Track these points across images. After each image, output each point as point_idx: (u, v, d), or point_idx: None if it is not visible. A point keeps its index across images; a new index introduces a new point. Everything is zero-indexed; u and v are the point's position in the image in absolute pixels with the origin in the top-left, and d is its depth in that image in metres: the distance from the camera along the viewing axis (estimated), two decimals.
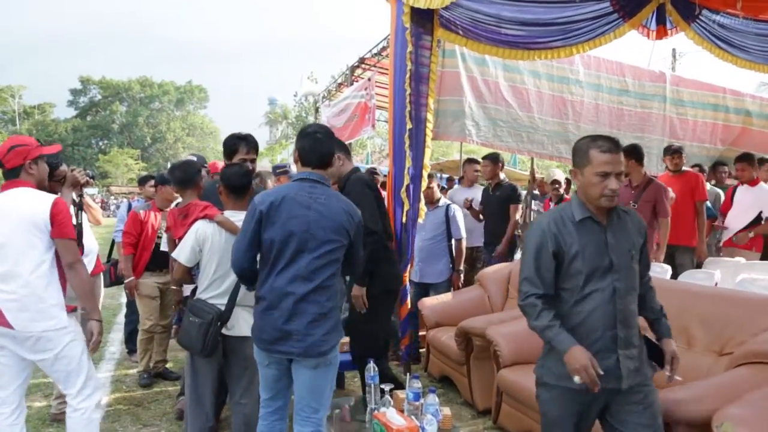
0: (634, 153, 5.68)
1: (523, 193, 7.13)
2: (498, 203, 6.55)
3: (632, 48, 11.14)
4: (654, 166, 8.04)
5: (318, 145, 2.89)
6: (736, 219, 6.13)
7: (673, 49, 24.19)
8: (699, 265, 5.77)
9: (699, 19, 5.57)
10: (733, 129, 8.87)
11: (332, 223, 2.77)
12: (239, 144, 3.80)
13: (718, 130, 8.82)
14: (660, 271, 5.20)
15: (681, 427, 2.52)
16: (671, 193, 5.82)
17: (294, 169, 3.38)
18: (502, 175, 6.93)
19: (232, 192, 3.45)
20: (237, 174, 3.45)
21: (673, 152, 6.15)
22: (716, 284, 4.77)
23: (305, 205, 2.77)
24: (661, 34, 5.47)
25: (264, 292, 2.78)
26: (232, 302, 3.30)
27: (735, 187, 6.37)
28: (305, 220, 2.74)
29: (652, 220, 5.49)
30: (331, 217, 2.78)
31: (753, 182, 6.09)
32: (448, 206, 5.94)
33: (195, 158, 5.28)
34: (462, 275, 5.93)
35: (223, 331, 3.29)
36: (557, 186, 6.28)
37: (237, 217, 3.33)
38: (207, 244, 3.36)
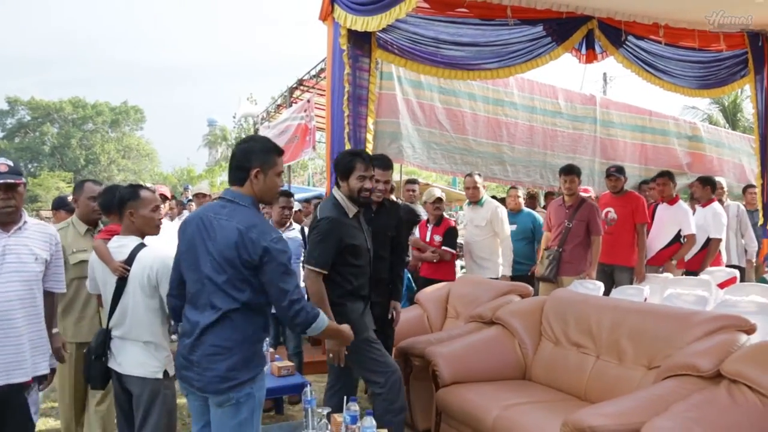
0: (576, 171, 5.84)
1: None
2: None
3: (566, 72, 11.57)
4: (585, 185, 8.27)
5: (232, 160, 2.63)
6: (657, 237, 6.29)
7: (604, 73, 25.17)
8: None
9: (626, 45, 5.82)
10: (658, 149, 9.23)
11: (224, 246, 2.45)
12: (355, 161, 3.51)
13: (646, 151, 9.17)
14: (592, 288, 5.35)
15: None
16: (613, 214, 6.01)
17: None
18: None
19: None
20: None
21: (611, 173, 6.22)
22: (646, 299, 4.93)
23: (206, 227, 2.52)
24: (591, 57, 5.70)
25: (183, 319, 2.63)
26: (101, 335, 3.05)
27: (656, 205, 6.56)
28: (203, 244, 2.51)
29: (585, 238, 5.66)
30: (223, 240, 2.46)
31: (672, 200, 6.30)
32: None
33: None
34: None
35: (113, 366, 3.05)
36: (438, 206, 6.01)
37: (121, 243, 3.07)
38: (94, 272, 3.15)
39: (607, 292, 5.40)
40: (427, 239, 5.96)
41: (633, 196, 6.17)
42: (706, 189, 6.64)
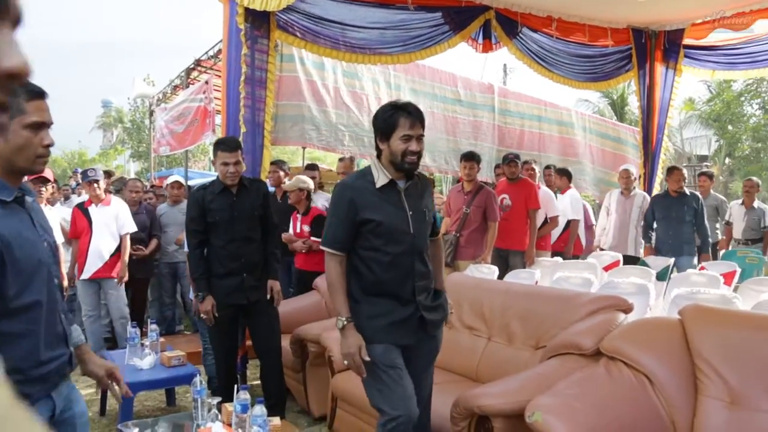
0: (476, 157, 5.98)
1: None
2: None
3: (468, 61, 11.76)
4: (485, 172, 8.50)
5: None
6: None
7: (504, 64, 25.89)
8: None
9: (520, 36, 5.99)
10: (554, 138, 9.61)
11: None
12: (398, 116, 2.60)
13: (543, 139, 9.53)
14: (487, 272, 5.51)
15: (498, 420, 2.65)
16: (508, 201, 6.20)
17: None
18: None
19: None
20: None
21: (509, 161, 6.39)
22: (536, 282, 5.12)
23: None
24: (487, 48, 5.83)
25: None
26: None
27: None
28: None
29: (482, 223, 5.81)
30: None
31: (564, 190, 6.61)
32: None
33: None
34: None
35: None
36: (300, 195, 5.65)
37: None
38: None
39: (501, 276, 5.57)
40: (298, 230, 5.64)
41: (526, 182, 6.37)
42: (563, 179, 7.23)
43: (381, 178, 2.62)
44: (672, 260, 5.90)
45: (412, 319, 2.67)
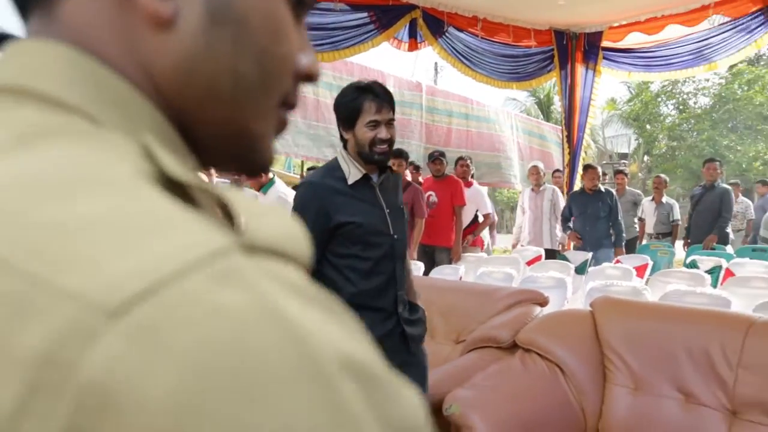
0: (403, 155, 6.05)
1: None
2: None
3: (399, 59, 11.98)
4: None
5: None
6: None
7: (435, 63, 26.22)
8: None
9: (446, 36, 6.10)
10: (482, 135, 9.83)
11: None
12: (362, 100, 2.18)
13: (471, 136, 9.73)
14: (413, 268, 5.59)
15: None
16: (434, 197, 6.30)
17: None
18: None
19: None
20: None
21: (435, 158, 6.51)
22: (461, 278, 5.25)
23: None
24: (413, 46, 5.92)
25: None
26: None
27: None
28: None
29: (409, 220, 5.89)
30: None
31: (468, 183, 6.76)
32: None
33: None
34: None
35: None
36: None
37: None
38: None
39: (428, 272, 5.67)
40: None
41: (452, 179, 6.49)
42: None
43: (353, 173, 2.22)
44: (590, 254, 6.15)
45: (394, 334, 2.31)
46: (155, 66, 0.37)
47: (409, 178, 6.12)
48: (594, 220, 6.46)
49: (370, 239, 2.25)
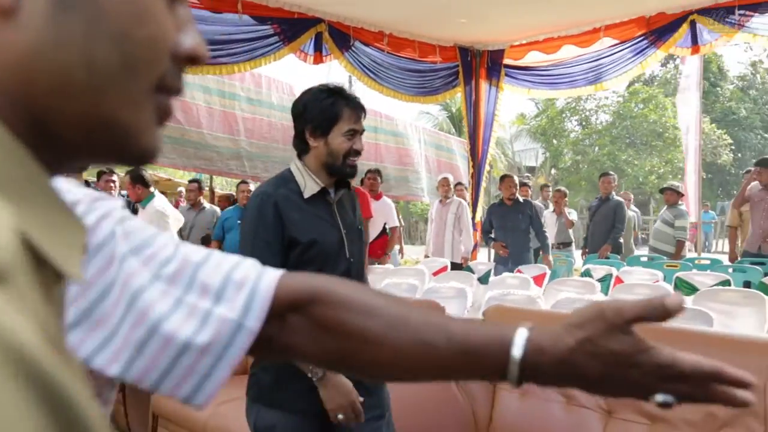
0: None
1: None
2: None
3: (313, 73, 11.95)
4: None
5: None
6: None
7: (350, 76, 26.38)
8: None
9: (352, 50, 6.17)
10: (390, 148, 9.99)
11: None
12: (340, 105, 1.94)
13: (379, 149, 9.87)
14: None
15: None
16: None
17: None
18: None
19: None
20: None
21: None
22: None
23: None
24: (318, 60, 5.96)
25: None
26: None
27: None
28: None
29: None
30: None
31: (378, 196, 6.90)
32: None
33: None
34: None
35: None
36: None
37: None
38: None
39: None
40: None
41: (359, 192, 6.56)
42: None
43: (309, 186, 1.95)
44: (492, 265, 6.34)
45: None
46: None
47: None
48: (514, 232, 6.53)
49: (325, 262, 1.96)
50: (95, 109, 0.37)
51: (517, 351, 0.63)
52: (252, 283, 0.72)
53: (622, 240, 7.61)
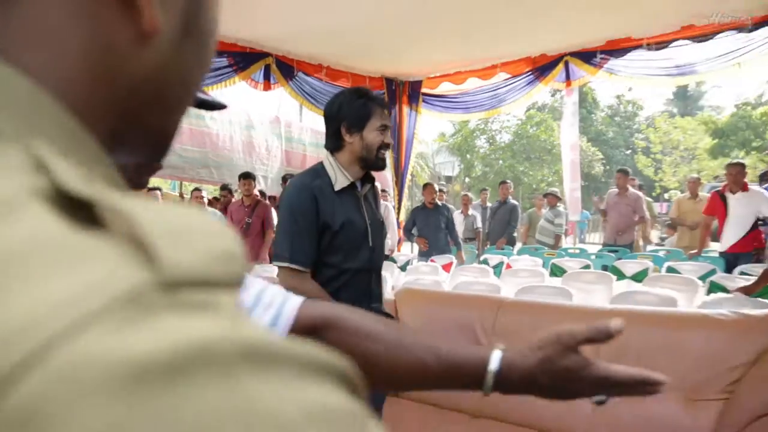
0: (251, 176, 6.08)
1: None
2: None
3: (265, 98, 11.77)
4: (274, 188, 8.67)
5: None
6: None
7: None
8: None
9: (295, 79, 6.17)
10: None
11: None
12: (371, 105, 1.83)
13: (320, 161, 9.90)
14: (270, 271, 5.59)
15: None
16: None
17: None
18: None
19: None
20: None
21: (287, 180, 6.65)
22: None
23: None
24: (267, 87, 5.94)
25: None
26: None
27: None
28: None
29: (261, 231, 5.92)
30: None
31: None
32: None
33: None
34: None
35: None
36: None
37: None
38: None
39: None
40: None
41: None
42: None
43: (340, 180, 1.82)
44: (413, 254, 6.44)
45: None
46: (123, 75, 0.28)
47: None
48: (435, 231, 6.62)
49: (350, 248, 1.82)
50: (170, 119, 0.34)
51: (493, 366, 0.68)
52: (278, 305, 0.72)
53: (516, 234, 7.86)
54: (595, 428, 2.27)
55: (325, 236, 1.78)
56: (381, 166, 1.87)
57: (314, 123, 9.95)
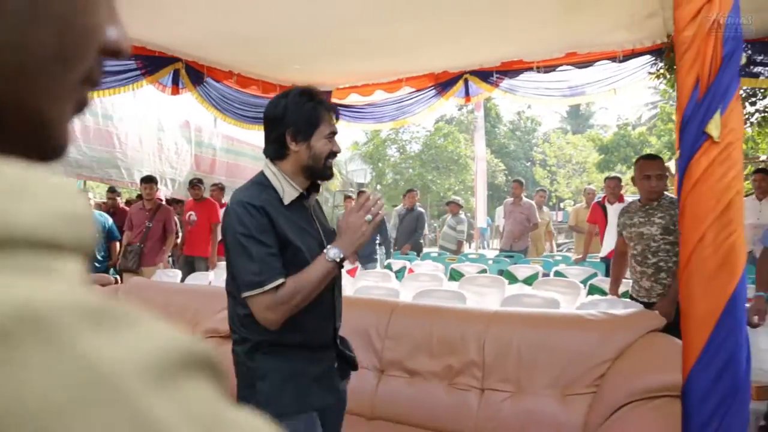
0: (153, 179, 5.89)
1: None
2: None
3: (176, 102, 11.38)
4: (183, 191, 8.38)
5: None
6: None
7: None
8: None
9: (203, 84, 5.98)
10: (240, 166, 9.87)
11: None
12: (320, 110, 1.59)
13: (233, 167, 9.69)
14: (172, 275, 5.37)
15: None
16: (194, 216, 6.18)
17: None
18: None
19: None
20: None
21: (194, 184, 6.44)
22: (210, 283, 5.14)
23: None
24: (175, 92, 5.72)
25: None
26: None
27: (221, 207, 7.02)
28: None
29: (162, 235, 5.71)
30: None
31: (223, 204, 6.80)
32: None
33: None
34: None
35: None
36: None
37: None
38: None
39: (183, 278, 5.48)
40: None
41: (209, 201, 6.43)
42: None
43: (288, 191, 1.57)
44: None
45: (331, 371, 1.66)
46: None
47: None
48: None
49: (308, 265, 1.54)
50: (17, 96, 0.27)
51: None
52: None
53: (422, 241, 8.02)
54: (481, 423, 2.37)
55: (284, 255, 1.51)
56: (329, 176, 1.64)
57: (227, 129, 9.73)
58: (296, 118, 1.55)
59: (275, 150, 1.58)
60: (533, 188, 11.75)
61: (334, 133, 1.62)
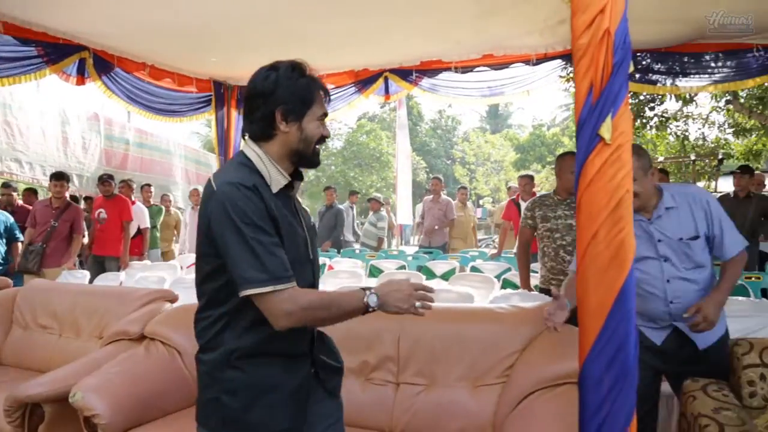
0: (65, 177, 5.52)
1: None
2: None
3: (84, 92, 10.76)
4: (91, 188, 7.94)
5: None
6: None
7: None
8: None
9: (111, 75, 5.67)
10: (155, 161, 9.47)
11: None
12: (315, 88, 1.43)
13: (145, 162, 9.28)
14: (81, 276, 5.08)
15: (48, 406, 2.47)
16: (104, 214, 5.83)
17: None
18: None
19: None
20: None
21: (104, 180, 6.05)
22: (121, 283, 4.89)
23: None
24: (80, 82, 5.39)
25: None
26: None
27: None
28: None
29: (68, 236, 5.35)
30: None
31: (132, 202, 6.56)
32: None
33: None
34: None
35: None
36: None
37: None
38: None
39: (92, 279, 5.18)
40: None
41: (120, 198, 6.08)
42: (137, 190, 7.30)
43: (275, 178, 1.39)
44: None
45: (307, 381, 1.46)
46: None
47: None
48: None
49: (294, 264, 1.35)
50: None
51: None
52: None
53: (342, 237, 8.02)
54: (397, 417, 2.40)
55: None
56: (316, 163, 1.47)
57: (140, 122, 9.32)
58: (288, 94, 1.37)
59: (261, 129, 1.39)
60: (454, 186, 12.06)
61: (326, 114, 1.45)
